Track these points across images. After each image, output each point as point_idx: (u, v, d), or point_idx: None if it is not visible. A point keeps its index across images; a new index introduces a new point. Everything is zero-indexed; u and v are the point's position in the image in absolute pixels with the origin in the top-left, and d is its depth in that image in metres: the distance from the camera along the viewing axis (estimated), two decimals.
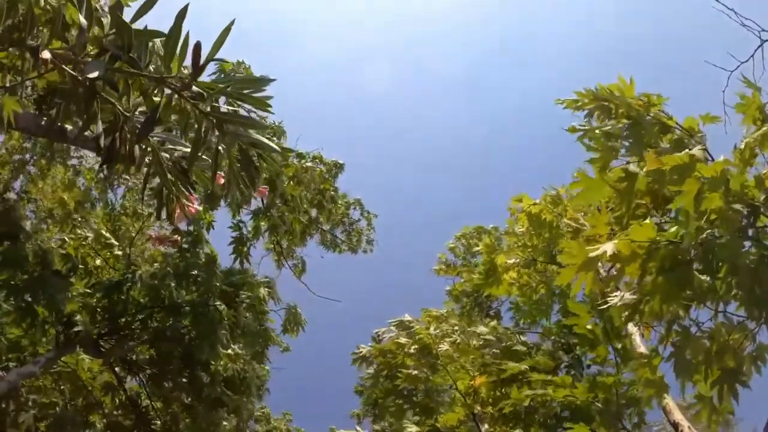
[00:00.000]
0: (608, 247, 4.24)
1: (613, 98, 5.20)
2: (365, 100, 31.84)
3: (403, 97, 33.76)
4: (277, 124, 12.14)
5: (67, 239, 9.81)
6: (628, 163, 5.03)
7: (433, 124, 32.84)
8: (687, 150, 4.39)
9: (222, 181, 2.79)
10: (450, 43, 33.90)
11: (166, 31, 2.66)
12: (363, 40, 33.27)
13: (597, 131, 5.12)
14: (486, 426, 6.93)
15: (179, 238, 9.58)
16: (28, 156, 12.61)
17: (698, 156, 4.26)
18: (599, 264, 4.56)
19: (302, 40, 32.05)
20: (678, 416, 7.11)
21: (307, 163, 11.54)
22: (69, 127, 5.09)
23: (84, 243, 9.86)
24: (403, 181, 31.77)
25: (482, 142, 31.49)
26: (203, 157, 2.80)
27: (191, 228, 10.05)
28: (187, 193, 2.98)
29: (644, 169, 4.43)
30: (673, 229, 4.37)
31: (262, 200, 10.93)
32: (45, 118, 4.92)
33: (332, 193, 13.16)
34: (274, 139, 11.47)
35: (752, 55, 5.98)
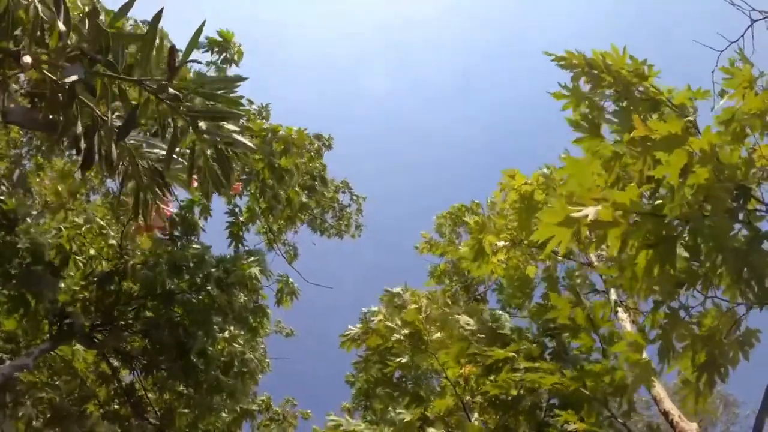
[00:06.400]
0: (590, 211, 4.14)
1: (604, 66, 5.09)
2: (362, 104, 31.97)
3: (399, 100, 33.87)
4: (264, 105, 12.06)
5: (63, 228, 9.72)
6: (615, 141, 4.97)
7: (428, 125, 32.98)
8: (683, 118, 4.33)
9: (196, 184, 2.80)
10: (443, 47, 34.02)
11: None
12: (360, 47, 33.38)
13: (584, 101, 5.04)
14: (476, 415, 6.91)
15: (168, 224, 9.51)
16: (24, 150, 12.52)
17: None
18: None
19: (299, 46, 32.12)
20: (668, 405, 7.15)
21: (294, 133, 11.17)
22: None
23: (79, 232, 9.77)
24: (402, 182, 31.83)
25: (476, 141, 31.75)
26: (180, 159, 2.80)
27: (185, 214, 10.00)
28: (162, 196, 2.99)
29: (632, 134, 4.31)
30: (659, 202, 4.32)
31: (255, 185, 10.79)
32: (39, 113, 4.87)
33: (322, 172, 12.93)
34: (261, 120, 11.33)
35: (742, 35, 5.96)
